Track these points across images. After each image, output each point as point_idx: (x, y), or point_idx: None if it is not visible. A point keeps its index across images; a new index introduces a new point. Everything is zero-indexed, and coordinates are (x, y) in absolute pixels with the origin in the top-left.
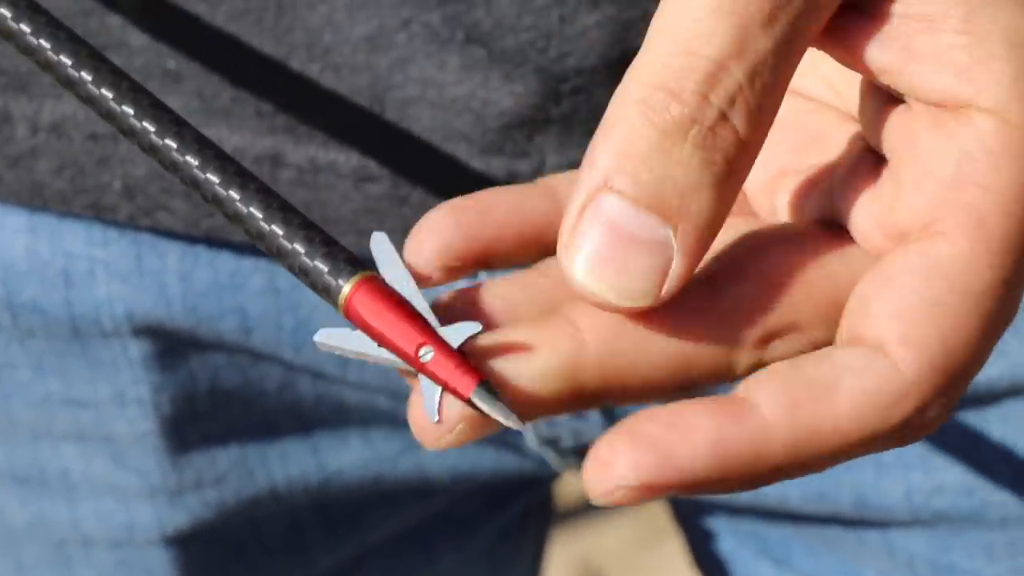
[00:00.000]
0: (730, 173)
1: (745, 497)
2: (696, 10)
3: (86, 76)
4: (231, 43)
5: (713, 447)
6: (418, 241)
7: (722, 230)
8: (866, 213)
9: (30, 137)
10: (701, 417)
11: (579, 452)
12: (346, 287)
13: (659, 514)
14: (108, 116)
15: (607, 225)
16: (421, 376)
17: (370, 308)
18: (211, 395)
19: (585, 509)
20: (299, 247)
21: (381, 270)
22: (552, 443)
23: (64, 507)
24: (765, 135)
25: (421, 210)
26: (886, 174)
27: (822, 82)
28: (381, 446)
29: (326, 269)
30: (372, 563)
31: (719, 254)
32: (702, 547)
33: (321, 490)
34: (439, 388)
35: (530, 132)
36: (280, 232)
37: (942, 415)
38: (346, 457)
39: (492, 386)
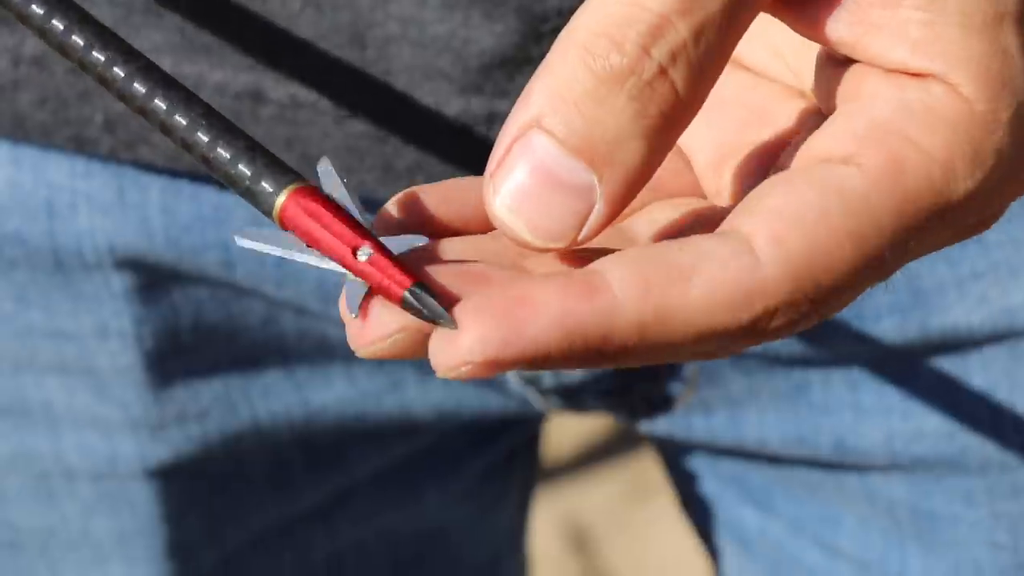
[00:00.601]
0: (663, 128)
1: (725, 439)
2: None
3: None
4: None
5: (560, 323)
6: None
7: (672, 209)
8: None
9: (12, 69)
10: (550, 293)
11: (560, 392)
12: (283, 194)
13: (646, 471)
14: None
15: (533, 163)
16: (348, 274)
17: (307, 209)
18: (194, 329)
19: (571, 467)
20: (236, 157)
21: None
22: (533, 382)
23: (46, 439)
24: (705, 95)
25: (402, 148)
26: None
27: (768, 49)
28: (365, 383)
29: (263, 178)
30: (356, 500)
31: (662, 231)
32: (687, 490)
33: (305, 426)
34: (365, 287)
35: (511, 72)
36: (212, 141)
37: (787, 327)
38: (329, 394)
39: (428, 288)
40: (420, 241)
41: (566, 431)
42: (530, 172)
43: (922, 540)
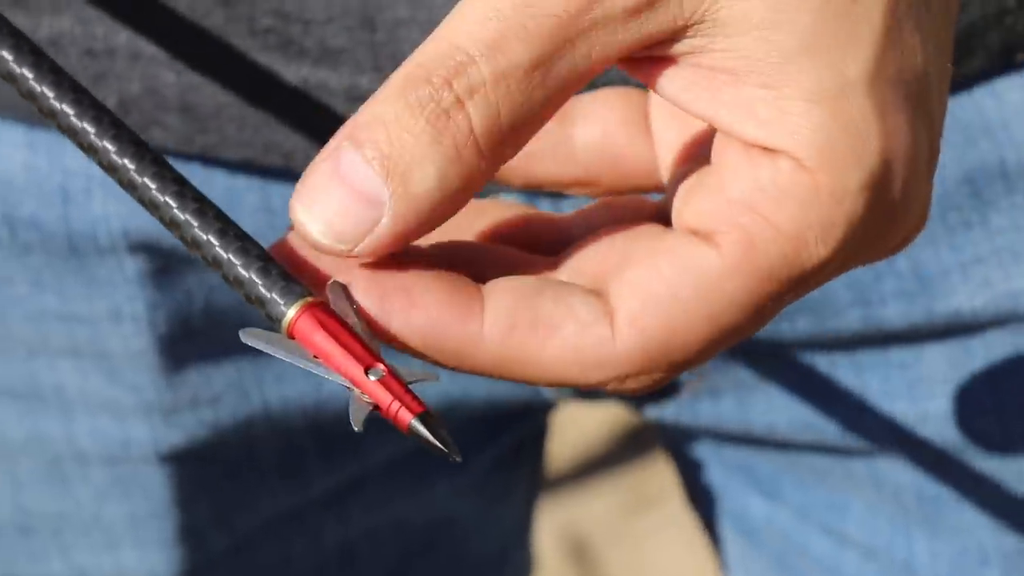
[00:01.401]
0: (456, 159)
1: (733, 425)
2: (480, 12)
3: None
4: None
5: (423, 331)
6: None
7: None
8: (676, 206)
9: None
10: (431, 297)
11: None
12: (294, 307)
13: (645, 482)
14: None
15: (335, 169)
16: (353, 390)
17: (321, 323)
18: (206, 314)
19: (571, 477)
20: (248, 264)
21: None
22: None
23: (59, 423)
24: (503, 144)
25: None
26: (700, 175)
27: None
28: None
29: (275, 289)
30: (368, 488)
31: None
32: (692, 479)
33: (316, 413)
34: (371, 405)
35: None
36: (234, 260)
37: (644, 387)
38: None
39: (433, 416)
40: (431, 378)
41: (567, 442)
42: (330, 176)
43: (928, 525)
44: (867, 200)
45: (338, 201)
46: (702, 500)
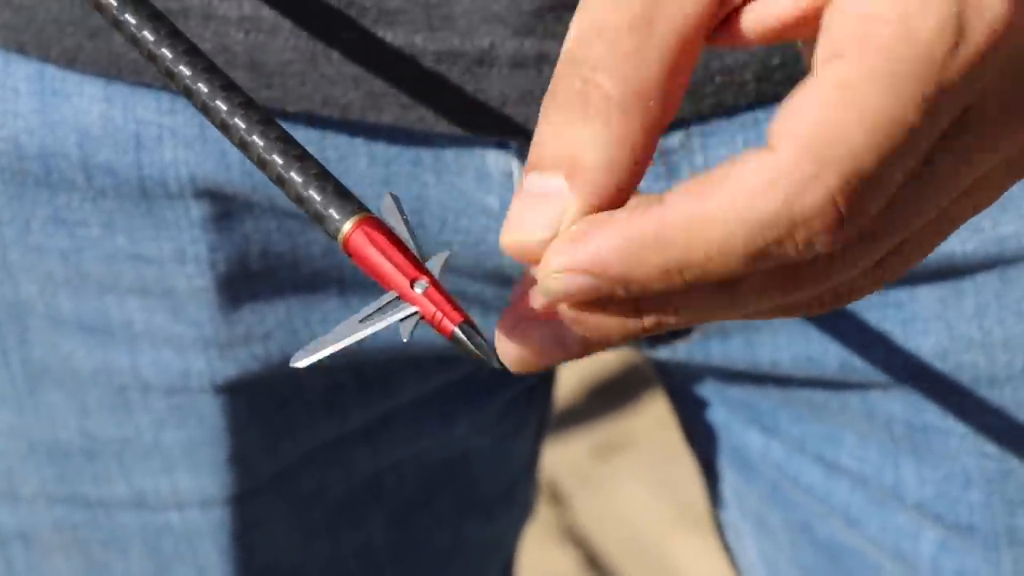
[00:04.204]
0: (611, 127)
1: (740, 362)
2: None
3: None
4: None
5: (622, 243)
6: None
7: None
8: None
9: None
10: (617, 216)
11: None
12: (349, 222)
13: (614, 429)
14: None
15: (522, 193)
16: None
17: (372, 239)
18: (262, 257)
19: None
20: (307, 182)
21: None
22: None
23: (126, 355)
24: (645, 99)
25: (458, 90)
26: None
27: None
28: None
29: (332, 205)
30: (398, 423)
31: None
32: (693, 418)
33: (357, 351)
34: (416, 319)
35: (559, 14)
36: (287, 165)
37: (834, 207)
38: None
39: (473, 326)
40: (445, 254)
41: None
42: (520, 200)
43: (916, 453)
44: None
45: (532, 210)
46: (702, 437)
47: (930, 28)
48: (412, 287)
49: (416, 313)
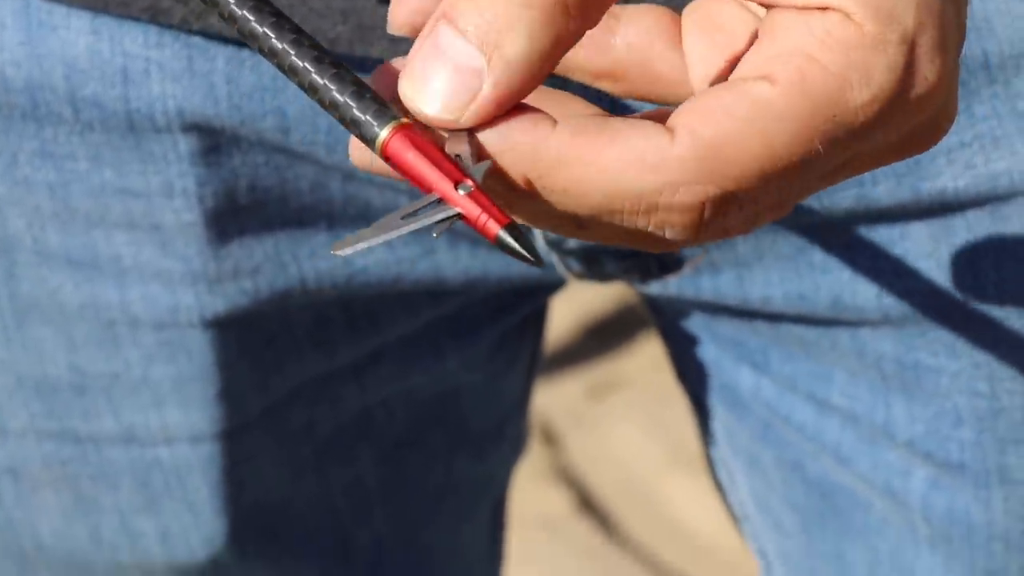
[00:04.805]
0: (545, 22)
1: (731, 298)
2: None
3: None
4: None
5: (500, 132)
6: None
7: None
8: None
9: None
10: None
11: (581, 254)
12: (387, 127)
13: (606, 369)
14: None
15: (435, 47)
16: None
17: (413, 142)
18: (250, 191)
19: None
20: (343, 89)
21: None
22: (557, 245)
23: (114, 290)
24: (587, 5)
25: None
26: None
27: None
28: (401, 248)
29: (368, 111)
30: (387, 359)
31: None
32: (684, 356)
33: (346, 286)
34: (455, 218)
35: None
36: (330, 85)
37: (697, 210)
38: (369, 257)
39: (518, 227)
40: (487, 166)
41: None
42: (432, 55)
43: (907, 391)
44: (904, 54)
45: (443, 77)
46: (692, 375)
47: (862, 98)
48: (456, 189)
49: (458, 215)
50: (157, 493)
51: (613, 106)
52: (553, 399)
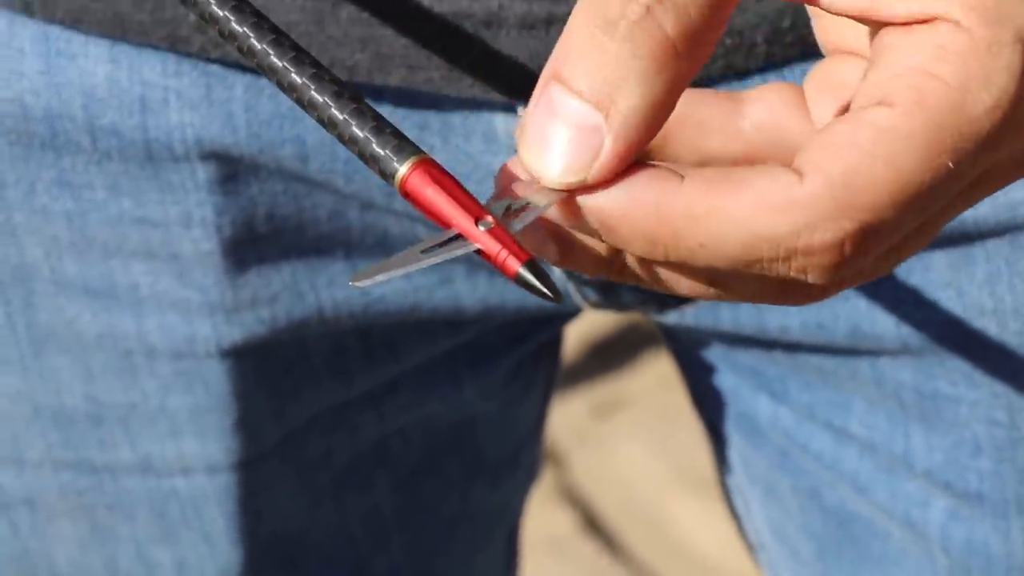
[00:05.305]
0: (657, 70)
1: (749, 327)
2: None
3: None
4: None
5: (629, 190)
6: None
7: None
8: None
9: None
10: (642, 173)
11: (599, 285)
12: (407, 163)
13: (611, 389)
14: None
15: (550, 110)
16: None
17: (433, 178)
18: (268, 220)
19: None
20: (362, 124)
21: None
22: (574, 276)
23: (132, 319)
24: (700, 42)
25: (466, 52)
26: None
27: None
28: (418, 277)
29: (388, 147)
30: (404, 388)
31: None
32: (700, 383)
33: (363, 315)
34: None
35: None
36: (349, 120)
37: (839, 248)
38: (387, 286)
39: (538, 264)
40: (543, 201)
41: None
42: (547, 118)
43: (925, 420)
44: (1020, 53)
45: (562, 139)
46: (709, 403)
47: (985, 105)
48: (476, 225)
49: (477, 251)
50: (173, 523)
51: None
52: (558, 418)
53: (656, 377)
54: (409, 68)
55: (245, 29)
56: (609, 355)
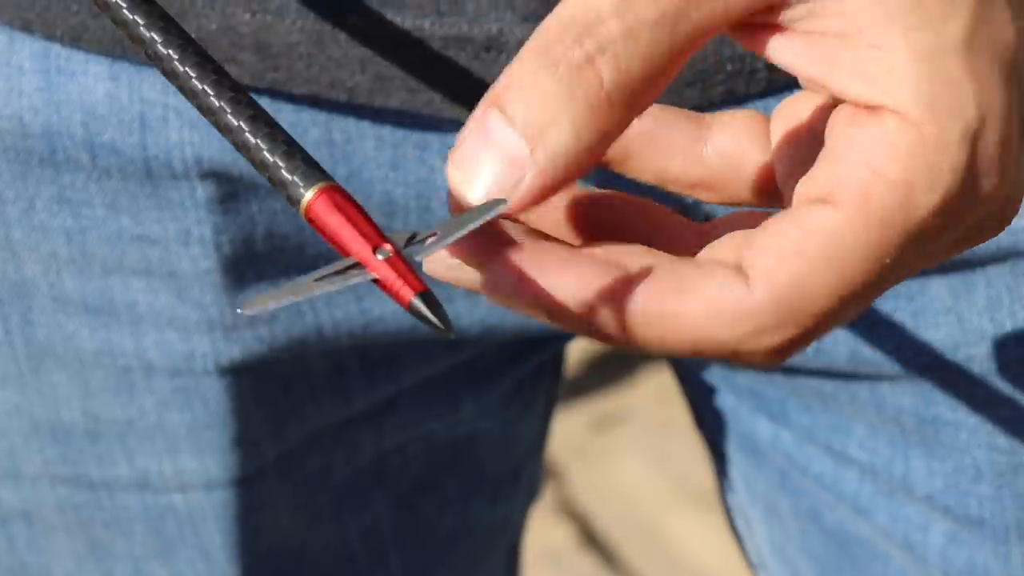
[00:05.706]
0: (589, 113)
1: None
2: None
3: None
4: None
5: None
6: None
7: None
8: (797, 190)
9: None
10: (590, 264)
11: None
12: (312, 189)
13: (609, 404)
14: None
15: (484, 135)
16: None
17: (336, 205)
18: (267, 239)
19: None
20: (274, 149)
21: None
22: None
23: (130, 337)
24: (633, 97)
25: (466, 75)
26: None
27: None
28: None
29: (296, 172)
30: (402, 407)
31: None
32: (703, 404)
33: (362, 334)
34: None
35: None
36: (261, 145)
37: (781, 350)
38: (386, 305)
39: (432, 296)
40: (501, 205)
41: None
42: (481, 142)
43: (926, 445)
44: (968, 151)
45: (490, 165)
46: (710, 422)
47: (930, 205)
48: (374, 253)
49: (374, 279)
50: (171, 540)
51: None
52: (557, 432)
53: (655, 391)
54: (409, 90)
55: (170, 52)
56: (608, 369)
